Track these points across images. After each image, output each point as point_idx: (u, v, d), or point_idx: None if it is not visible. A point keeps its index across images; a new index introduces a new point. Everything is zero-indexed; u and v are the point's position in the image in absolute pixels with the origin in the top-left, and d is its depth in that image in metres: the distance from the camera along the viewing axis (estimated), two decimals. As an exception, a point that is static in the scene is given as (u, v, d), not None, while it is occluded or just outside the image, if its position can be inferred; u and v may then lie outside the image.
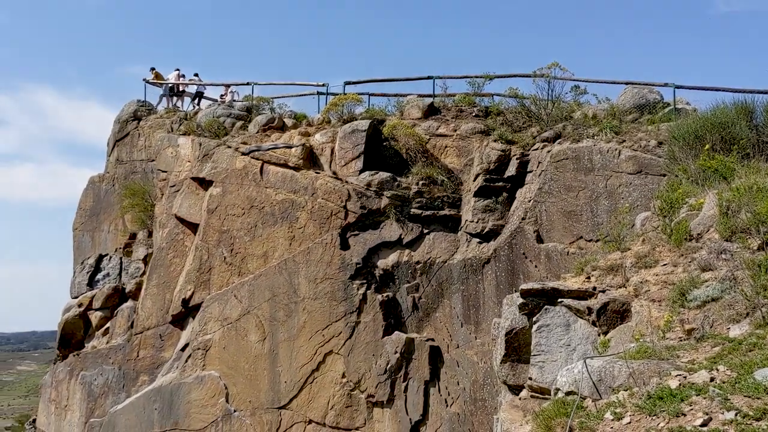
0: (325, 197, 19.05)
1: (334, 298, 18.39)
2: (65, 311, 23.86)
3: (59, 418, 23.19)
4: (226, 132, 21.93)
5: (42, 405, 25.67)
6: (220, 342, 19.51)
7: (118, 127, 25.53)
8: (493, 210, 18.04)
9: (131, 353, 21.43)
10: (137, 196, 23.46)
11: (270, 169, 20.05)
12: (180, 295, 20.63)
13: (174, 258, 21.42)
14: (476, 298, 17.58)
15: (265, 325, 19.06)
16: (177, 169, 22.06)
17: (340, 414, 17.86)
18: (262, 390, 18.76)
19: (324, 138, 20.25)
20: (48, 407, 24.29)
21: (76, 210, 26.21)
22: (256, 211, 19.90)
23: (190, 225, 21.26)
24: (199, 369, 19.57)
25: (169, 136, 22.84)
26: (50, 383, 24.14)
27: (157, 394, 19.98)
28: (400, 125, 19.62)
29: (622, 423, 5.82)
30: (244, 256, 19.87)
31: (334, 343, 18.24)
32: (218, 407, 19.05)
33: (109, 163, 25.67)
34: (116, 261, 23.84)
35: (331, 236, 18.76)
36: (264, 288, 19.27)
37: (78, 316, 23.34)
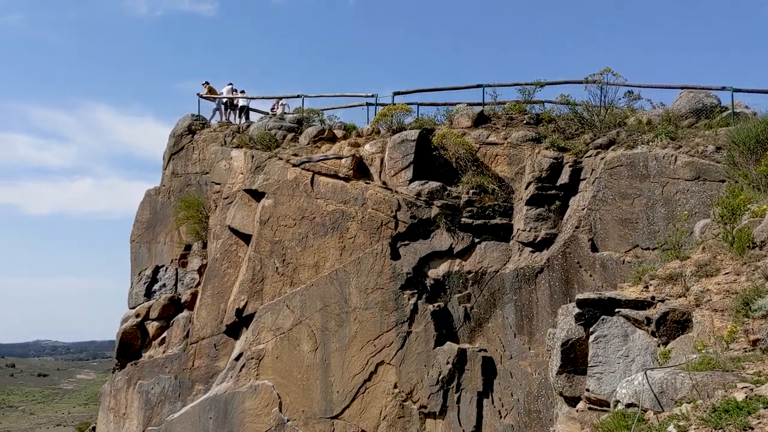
0: (375, 207, 19.10)
1: (385, 308, 18.38)
2: (123, 321, 24.45)
3: (118, 427, 23.71)
4: (278, 144, 22.23)
5: (101, 413, 26.31)
6: (273, 352, 19.69)
7: (173, 141, 26.12)
8: (546, 218, 17.81)
9: (187, 362, 21.80)
10: (192, 208, 23.94)
11: (320, 180, 20.22)
12: (234, 305, 20.92)
13: (228, 269, 21.75)
14: (529, 308, 17.34)
15: (317, 335, 19.17)
16: (230, 181, 22.43)
17: (392, 425, 17.80)
18: (315, 400, 18.84)
19: (373, 148, 20.33)
20: (107, 415, 24.88)
21: (133, 222, 26.90)
22: (307, 222, 20.07)
23: (243, 236, 21.58)
24: (253, 378, 19.78)
25: (222, 149, 23.28)
26: (109, 392, 24.73)
27: (212, 404, 20.27)
28: (450, 134, 19.56)
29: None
30: (295, 266, 20.04)
31: (386, 353, 18.21)
32: (272, 417, 19.21)
33: (165, 176, 26.27)
34: (172, 272, 24.33)
35: (382, 246, 18.78)
36: (315, 298, 19.39)
37: (135, 326, 23.88)
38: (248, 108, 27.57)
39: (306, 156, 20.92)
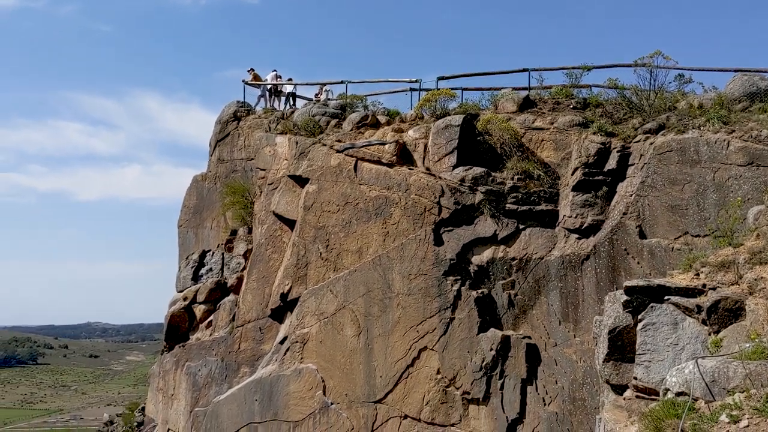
0: (419, 193, 19.06)
1: (428, 294, 18.37)
2: (171, 304, 24.97)
3: (166, 407, 24.30)
4: (321, 130, 22.33)
5: (150, 394, 26.99)
6: (317, 336, 19.88)
7: (219, 128, 26.44)
8: (593, 205, 17.53)
9: (233, 345, 22.18)
10: (237, 194, 24.23)
11: (364, 165, 20.25)
12: (278, 289, 21.17)
13: (273, 254, 22.00)
14: (575, 296, 17.14)
15: (360, 320, 19.28)
16: (275, 167, 22.64)
17: (435, 410, 17.84)
18: (358, 384, 18.99)
19: (417, 134, 20.27)
20: (156, 396, 25.51)
21: (180, 208, 27.38)
22: (351, 208, 20.15)
23: (287, 221, 21.78)
24: (297, 362, 20.02)
25: (267, 136, 23.49)
26: (158, 373, 25.34)
27: (258, 386, 20.59)
28: (495, 119, 19.38)
29: (739, 426, 5.52)
30: (339, 251, 20.16)
31: (429, 339, 18.23)
32: (316, 400, 19.44)
33: (211, 163, 26.64)
34: (218, 256, 24.71)
35: (425, 232, 18.75)
36: (359, 283, 19.49)
37: (183, 310, 24.36)
38: (293, 94, 27.72)
39: (349, 142, 20.96)
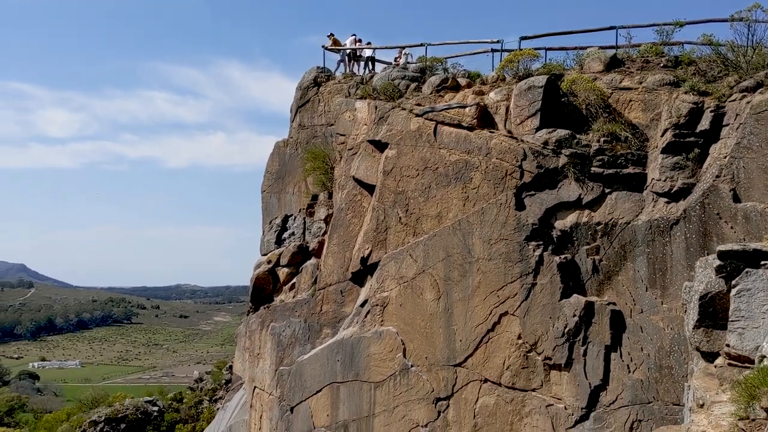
0: (500, 157, 18.76)
1: (510, 260, 18.18)
2: (256, 267, 25.69)
3: (252, 365, 25.17)
4: (401, 94, 22.20)
5: (237, 353, 28.01)
6: (397, 299, 20.05)
7: (300, 94, 26.71)
8: (683, 167, 16.82)
9: (315, 307, 22.67)
10: (318, 160, 24.52)
11: (444, 129, 20.06)
12: (358, 253, 21.41)
13: (353, 218, 22.22)
14: (663, 261, 16.58)
15: (439, 285, 19.30)
16: (354, 132, 22.73)
17: (516, 375, 17.77)
18: (438, 347, 19.09)
19: (498, 96, 19.88)
20: (243, 355, 26.45)
21: (264, 174, 27.98)
22: (430, 172, 20.05)
23: (367, 186, 21.91)
24: (378, 324, 20.29)
25: (346, 101, 23.57)
26: (244, 333, 26.23)
27: (339, 347, 21.02)
28: (580, 79, 18.77)
29: (843, 397, 5.23)
30: (418, 216, 20.16)
31: (510, 305, 18.09)
32: (396, 362, 19.69)
33: (293, 129, 27.00)
34: (300, 221, 25.18)
35: (506, 196, 18.49)
36: (438, 248, 19.47)
37: (267, 272, 25.03)
38: (372, 58, 27.64)
39: (429, 105, 20.78)
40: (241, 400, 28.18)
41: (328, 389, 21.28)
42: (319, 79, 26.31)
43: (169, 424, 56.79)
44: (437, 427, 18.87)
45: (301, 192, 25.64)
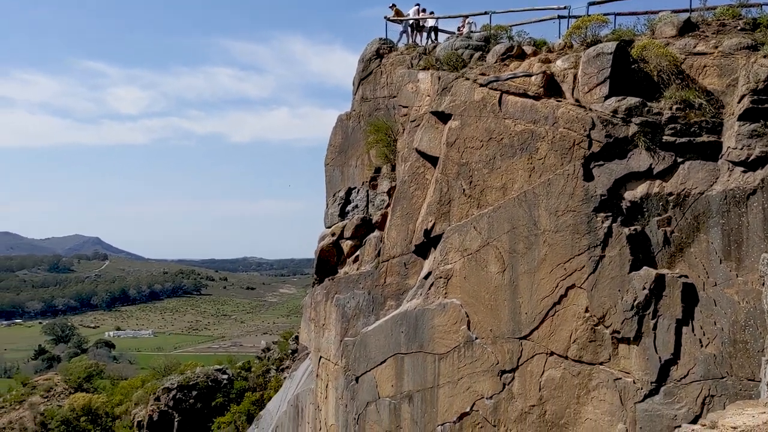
0: (567, 126, 18.31)
1: (577, 231, 17.82)
2: (320, 240, 25.98)
3: (318, 336, 25.60)
4: (465, 64, 21.87)
5: (303, 323, 28.54)
6: (461, 272, 19.96)
7: (362, 66, 26.65)
8: (762, 135, 16.07)
9: (378, 279, 22.81)
10: (381, 132, 24.49)
11: (509, 99, 19.69)
12: (422, 226, 21.37)
13: (416, 190, 22.16)
14: (738, 233, 15.96)
15: (504, 257, 19.10)
16: (417, 103, 22.56)
17: (583, 348, 17.51)
18: (503, 320, 18.96)
19: (566, 64, 19.36)
20: (308, 325, 26.92)
21: (327, 147, 28.15)
22: (495, 143, 19.76)
23: (430, 158, 21.77)
24: (442, 297, 20.27)
25: (409, 72, 23.38)
26: (309, 304, 26.66)
27: (403, 319, 21.13)
28: (651, 45, 18.08)
29: None
30: (483, 188, 19.94)
31: (577, 277, 17.77)
32: (460, 334, 19.67)
33: (355, 102, 27.01)
34: (363, 194, 25.28)
35: (574, 167, 18.07)
36: (503, 220, 19.24)
37: (331, 245, 25.29)
38: (435, 28, 27.28)
39: (494, 75, 20.41)
40: (308, 369, 28.76)
41: (392, 360, 21.46)
42: (382, 50, 26.17)
43: (238, 392, 58.49)
44: (502, 400, 18.83)
45: (364, 165, 25.71)
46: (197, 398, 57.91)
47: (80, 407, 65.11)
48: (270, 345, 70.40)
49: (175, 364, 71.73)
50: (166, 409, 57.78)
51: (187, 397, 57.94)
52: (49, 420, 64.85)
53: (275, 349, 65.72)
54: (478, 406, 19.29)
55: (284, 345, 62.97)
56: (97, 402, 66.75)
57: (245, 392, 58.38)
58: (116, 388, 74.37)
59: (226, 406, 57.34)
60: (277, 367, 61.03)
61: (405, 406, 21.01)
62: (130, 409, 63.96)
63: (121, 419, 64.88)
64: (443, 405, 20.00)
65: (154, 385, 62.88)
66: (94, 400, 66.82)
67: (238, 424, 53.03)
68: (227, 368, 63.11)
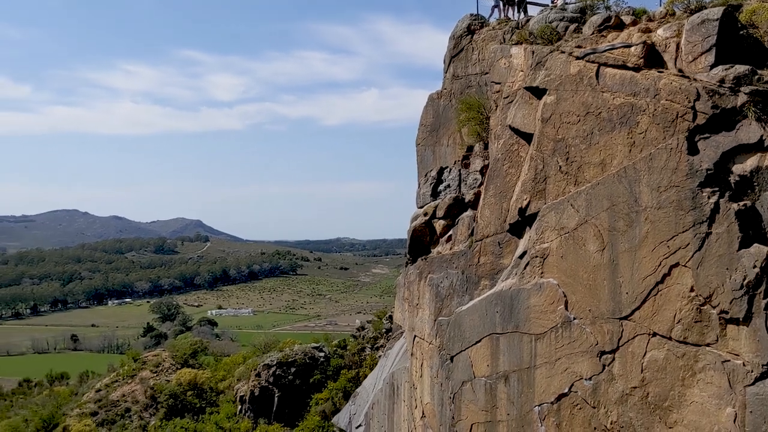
0: (670, 98, 17.49)
1: (681, 208, 17.05)
2: (413, 219, 26.05)
3: (412, 315, 25.77)
4: (559, 37, 21.25)
5: (397, 303, 28.78)
6: (558, 251, 19.54)
7: (453, 44, 26.37)
8: None
9: (472, 259, 22.66)
10: (473, 110, 24.21)
11: (606, 72, 18.98)
12: (516, 204, 21.03)
13: (509, 168, 21.80)
14: None
15: (603, 235, 18.54)
16: (510, 79, 22.13)
17: (687, 329, 16.81)
18: (602, 300, 18.45)
19: (668, 33, 18.46)
20: (402, 305, 27.13)
21: (418, 127, 28.11)
22: (593, 118, 19.13)
23: (524, 135, 21.34)
24: (538, 276, 19.93)
25: (501, 47, 22.93)
26: (403, 284, 26.84)
27: (498, 299, 20.93)
28: (762, 9, 17.01)
29: None
30: (580, 164, 19.38)
31: (681, 255, 17.03)
32: (557, 314, 19.30)
33: (446, 80, 26.80)
34: (456, 173, 25.12)
35: (677, 140, 17.26)
36: (602, 197, 18.65)
37: (424, 224, 25.32)
38: (527, 1, 26.62)
39: (590, 47, 19.72)
40: (402, 348, 29.05)
41: (487, 340, 21.34)
42: (473, 26, 25.80)
43: (334, 369, 59.87)
44: (602, 381, 18.38)
45: (456, 143, 25.52)
46: (296, 374, 59.72)
47: (186, 382, 68.43)
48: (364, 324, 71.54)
49: (274, 341, 74.06)
50: (266, 385, 59.93)
51: (286, 374, 59.84)
52: (159, 393, 68.51)
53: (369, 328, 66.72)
54: (576, 387, 18.92)
55: (378, 324, 63.84)
56: (202, 377, 69.94)
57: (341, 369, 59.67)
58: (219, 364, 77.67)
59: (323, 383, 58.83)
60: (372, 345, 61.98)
61: (501, 386, 20.88)
62: (233, 384, 66.71)
63: (225, 394, 67.78)
64: (540, 385, 19.74)
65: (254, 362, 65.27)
66: (199, 376, 70.04)
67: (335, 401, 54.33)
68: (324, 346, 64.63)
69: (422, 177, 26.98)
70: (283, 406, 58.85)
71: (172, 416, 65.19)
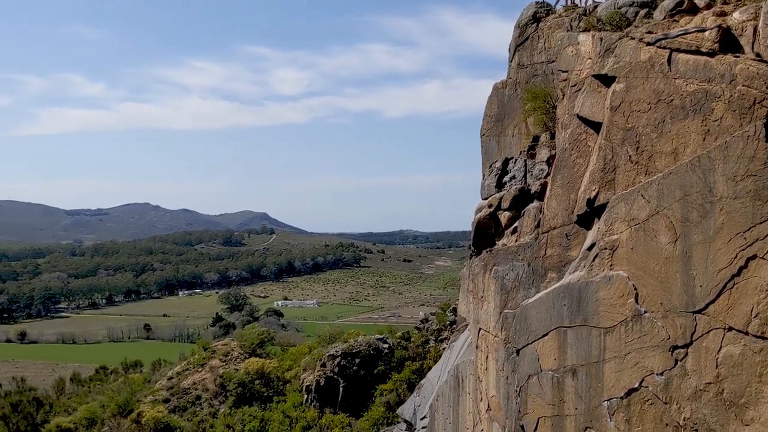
0: (747, 83, 16.78)
1: (759, 198, 16.36)
2: (477, 211, 25.86)
3: (477, 308, 25.62)
4: (629, 23, 20.67)
5: (461, 295, 28.66)
6: (628, 243, 19.06)
7: (518, 32, 25.98)
8: None
9: (539, 251, 22.34)
10: (538, 99, 23.81)
11: (679, 57, 18.35)
12: (584, 195, 20.61)
13: (577, 158, 21.38)
14: None
15: (676, 226, 17.98)
16: (578, 67, 21.67)
17: (765, 323, 16.15)
18: (675, 293, 17.92)
19: (744, 15, 17.71)
20: (467, 297, 27.00)
21: (482, 117, 27.83)
22: (664, 105, 18.55)
23: (592, 124, 20.88)
24: (607, 269, 19.50)
25: (568, 35, 22.46)
26: (467, 276, 26.69)
27: (566, 291, 20.58)
28: None
29: None
30: (651, 154, 18.83)
31: (759, 247, 16.36)
32: (627, 307, 18.84)
33: (511, 69, 26.44)
34: (521, 163, 24.79)
35: (755, 128, 16.56)
36: (674, 187, 18.08)
37: (488, 216, 25.10)
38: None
39: (662, 33, 19.10)
40: (467, 340, 28.93)
41: (554, 333, 21.03)
42: (539, 14, 25.35)
43: (398, 361, 60.14)
44: (674, 376, 17.87)
45: (522, 134, 25.17)
46: (360, 365, 60.25)
47: (254, 371, 69.98)
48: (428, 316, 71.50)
49: (339, 332, 74.94)
50: (331, 375, 60.72)
51: (350, 364, 60.46)
52: (228, 382, 70.29)
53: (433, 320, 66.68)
54: (647, 382, 18.46)
55: (442, 316, 63.74)
56: (270, 366, 71.38)
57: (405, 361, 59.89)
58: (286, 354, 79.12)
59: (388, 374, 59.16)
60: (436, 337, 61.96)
61: (569, 380, 20.55)
62: (299, 374, 67.85)
63: (291, 383, 68.99)
64: (609, 380, 19.33)
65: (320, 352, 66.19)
66: (266, 365, 71.52)
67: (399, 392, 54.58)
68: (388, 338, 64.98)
69: (487, 168, 26.72)
70: (347, 396, 59.53)
71: (240, 404, 66.81)
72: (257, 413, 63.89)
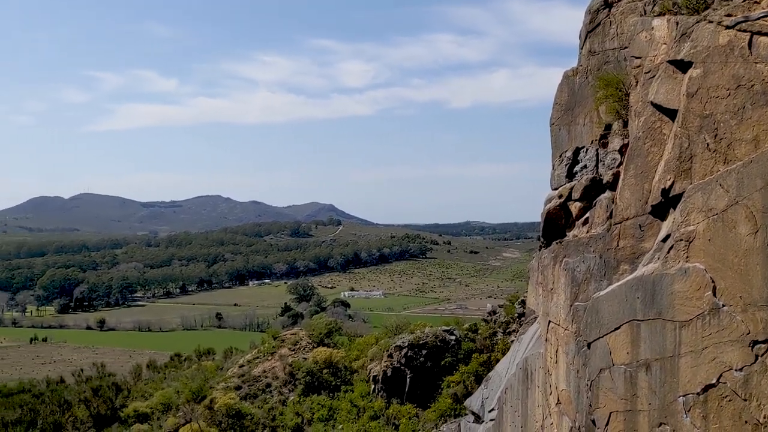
0: (836, 66, 15.95)
1: None
2: (547, 202, 25.44)
3: (546, 300, 25.26)
4: (707, 5, 19.89)
5: (530, 287, 28.31)
6: (705, 234, 18.42)
7: (589, 18, 25.37)
8: None
9: (611, 243, 21.82)
10: (611, 87, 23.19)
11: (761, 41, 17.57)
12: (659, 185, 20.01)
13: (651, 147, 20.76)
14: None
15: (756, 217, 17.27)
16: (652, 53, 21.00)
17: None
18: (755, 286, 17.23)
19: (834, -6, 16.80)
20: (536, 289, 26.66)
21: (552, 106, 27.33)
22: (744, 91, 17.80)
23: (667, 112, 20.22)
24: (682, 261, 18.89)
25: (642, 20, 21.79)
26: (537, 268, 26.33)
27: (639, 284, 20.06)
28: None
29: None
30: (730, 141, 18.12)
31: None
32: (704, 301, 18.22)
33: (582, 56, 25.85)
34: (592, 153, 24.23)
35: None
36: (755, 176, 17.36)
37: (558, 207, 24.65)
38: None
39: (742, 15, 18.31)
40: (536, 333, 28.56)
41: (627, 327, 20.53)
42: None
43: (465, 353, 59.96)
44: (754, 372, 17.21)
45: (593, 122, 24.59)
46: (427, 357, 60.35)
47: (322, 360, 70.97)
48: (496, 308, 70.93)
49: (405, 323, 75.15)
50: (398, 366, 61.02)
51: (417, 356, 60.63)
52: (296, 370, 71.56)
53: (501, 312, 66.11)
54: (725, 378, 17.83)
55: (510, 308, 63.09)
56: (337, 356, 72.25)
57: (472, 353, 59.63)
58: (353, 344, 79.90)
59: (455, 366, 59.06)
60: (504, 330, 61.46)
61: (642, 375, 20.05)
62: (366, 364, 68.45)
63: (358, 373, 69.70)
64: (685, 375, 18.76)
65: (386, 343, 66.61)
66: (334, 355, 72.42)
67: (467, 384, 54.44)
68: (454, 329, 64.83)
69: (556, 158, 26.23)
70: (414, 387, 59.72)
71: (309, 393, 67.96)
72: (326, 402, 64.87)
